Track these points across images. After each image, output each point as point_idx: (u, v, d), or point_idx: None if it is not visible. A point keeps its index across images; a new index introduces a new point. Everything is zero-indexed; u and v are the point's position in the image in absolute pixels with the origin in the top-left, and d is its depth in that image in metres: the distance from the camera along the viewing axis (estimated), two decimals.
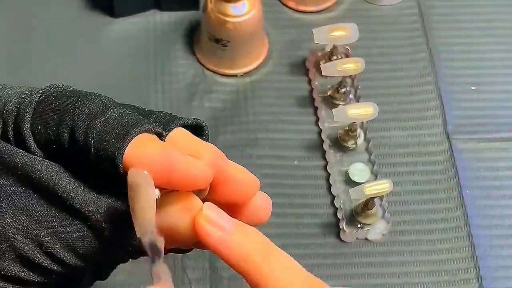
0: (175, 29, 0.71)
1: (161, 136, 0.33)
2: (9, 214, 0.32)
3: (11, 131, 0.33)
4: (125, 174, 0.31)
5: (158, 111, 0.35)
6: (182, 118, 0.35)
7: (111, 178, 0.32)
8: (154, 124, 0.33)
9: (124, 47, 0.70)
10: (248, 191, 0.35)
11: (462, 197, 0.62)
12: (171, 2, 0.71)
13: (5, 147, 0.32)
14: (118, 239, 0.33)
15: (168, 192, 0.32)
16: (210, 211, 0.32)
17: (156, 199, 0.31)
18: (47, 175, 0.32)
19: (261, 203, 0.36)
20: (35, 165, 0.32)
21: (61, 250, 0.32)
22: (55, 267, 0.33)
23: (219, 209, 0.33)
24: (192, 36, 0.71)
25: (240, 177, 0.34)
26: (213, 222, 0.32)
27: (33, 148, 0.33)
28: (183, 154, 0.32)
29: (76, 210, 0.32)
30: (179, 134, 0.34)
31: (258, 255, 0.32)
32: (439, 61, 0.70)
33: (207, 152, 0.34)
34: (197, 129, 0.36)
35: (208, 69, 0.69)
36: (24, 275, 0.33)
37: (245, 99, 0.68)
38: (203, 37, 0.68)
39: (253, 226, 0.34)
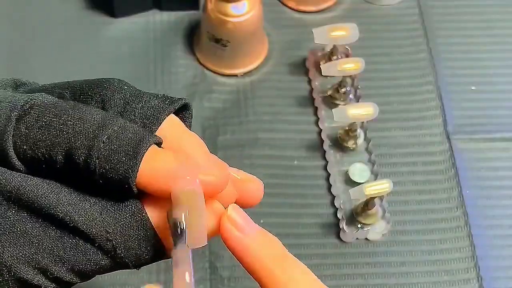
0: (175, 29, 0.71)
1: (159, 144, 0.33)
2: (5, 241, 0.30)
3: None
4: (138, 191, 0.31)
5: (146, 95, 0.34)
6: (169, 105, 0.34)
7: (113, 191, 0.31)
8: (154, 136, 0.32)
9: (124, 47, 0.70)
10: (225, 201, 0.34)
11: (462, 197, 0.62)
12: (171, 2, 0.71)
13: None
14: (131, 254, 0.32)
15: None
16: (235, 213, 0.33)
17: None
18: (43, 198, 0.31)
19: (251, 189, 0.36)
20: (27, 186, 0.31)
21: (67, 274, 0.32)
22: (62, 287, 0.32)
23: (243, 212, 0.33)
24: (192, 36, 0.71)
25: None
26: (236, 224, 0.32)
27: (19, 167, 0.32)
28: (196, 165, 0.32)
29: (81, 232, 0.31)
30: (169, 127, 0.34)
31: (274, 261, 0.32)
32: (439, 61, 0.70)
33: (200, 151, 0.33)
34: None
35: (208, 69, 0.69)
36: None
37: (245, 99, 0.68)
38: (203, 37, 0.68)
39: (244, 208, 0.34)
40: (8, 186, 0.30)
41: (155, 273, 0.58)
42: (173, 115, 0.34)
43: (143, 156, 0.31)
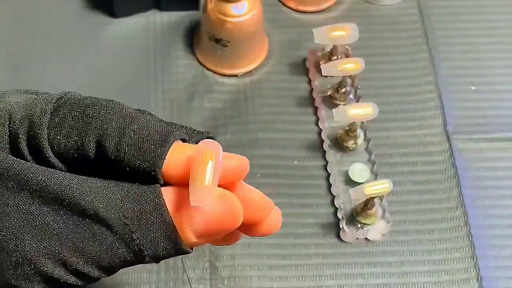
0: (175, 29, 0.71)
1: (184, 141, 0.35)
2: (27, 235, 0.31)
3: (23, 142, 0.33)
4: (163, 179, 0.33)
5: (174, 127, 0.36)
6: (193, 136, 0.36)
7: (138, 180, 0.33)
8: (181, 132, 0.34)
9: (124, 47, 0.70)
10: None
11: (462, 197, 0.62)
12: (171, 2, 0.71)
13: (15, 163, 0.32)
14: (147, 241, 0.33)
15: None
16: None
17: None
18: (67, 189, 0.32)
19: (274, 219, 0.39)
20: (52, 179, 0.32)
21: (85, 266, 0.32)
22: (80, 282, 0.33)
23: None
24: (192, 36, 0.71)
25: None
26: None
27: (52, 159, 0.33)
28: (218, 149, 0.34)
29: (100, 219, 0.32)
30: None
31: None
32: (439, 61, 0.70)
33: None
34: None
35: (208, 69, 0.69)
36: None
37: (245, 99, 0.68)
38: (203, 37, 0.68)
39: (264, 236, 0.37)
40: (35, 180, 0.31)
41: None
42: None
43: (170, 146, 0.33)
